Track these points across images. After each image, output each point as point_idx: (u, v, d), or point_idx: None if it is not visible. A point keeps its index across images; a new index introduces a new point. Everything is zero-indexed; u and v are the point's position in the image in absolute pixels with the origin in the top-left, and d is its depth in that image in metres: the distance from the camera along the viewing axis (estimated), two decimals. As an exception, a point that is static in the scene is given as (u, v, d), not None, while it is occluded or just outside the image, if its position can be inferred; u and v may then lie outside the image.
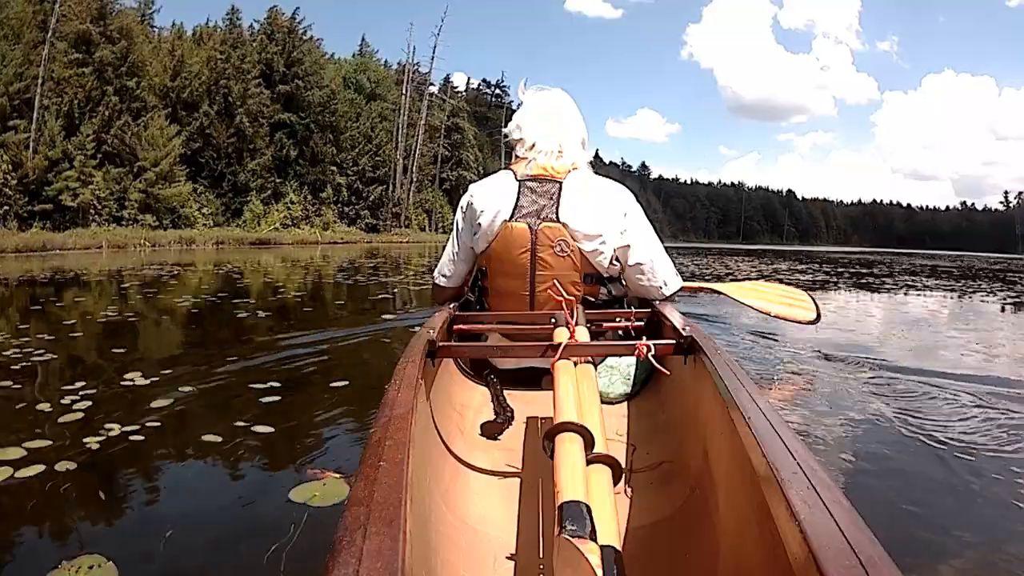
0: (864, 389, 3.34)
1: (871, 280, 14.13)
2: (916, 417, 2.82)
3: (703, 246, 63.19)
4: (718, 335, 4.81)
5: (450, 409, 1.64)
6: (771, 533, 0.77)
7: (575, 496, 0.85)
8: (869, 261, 27.07)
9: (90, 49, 27.78)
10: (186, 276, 11.33)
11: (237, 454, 2.36)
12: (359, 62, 50.28)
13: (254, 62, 35.62)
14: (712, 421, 1.24)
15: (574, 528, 0.78)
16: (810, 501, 0.72)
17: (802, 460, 0.83)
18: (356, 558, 0.64)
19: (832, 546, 0.64)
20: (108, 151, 27.41)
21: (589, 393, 1.27)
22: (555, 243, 1.92)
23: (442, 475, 1.32)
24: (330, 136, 39.55)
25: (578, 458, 0.97)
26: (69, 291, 8.52)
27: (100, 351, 4.52)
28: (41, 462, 2.18)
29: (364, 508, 0.74)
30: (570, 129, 2.11)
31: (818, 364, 3.97)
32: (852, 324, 6.44)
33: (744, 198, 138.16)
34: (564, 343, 1.45)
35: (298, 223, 35.88)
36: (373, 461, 0.86)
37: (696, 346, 1.50)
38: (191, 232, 27.37)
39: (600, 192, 2.00)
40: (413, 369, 1.30)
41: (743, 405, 1.04)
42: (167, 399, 2.97)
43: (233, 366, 3.66)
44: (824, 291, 10.42)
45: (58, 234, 22.55)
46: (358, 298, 8.42)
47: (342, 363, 3.94)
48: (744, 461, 0.95)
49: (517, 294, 1.99)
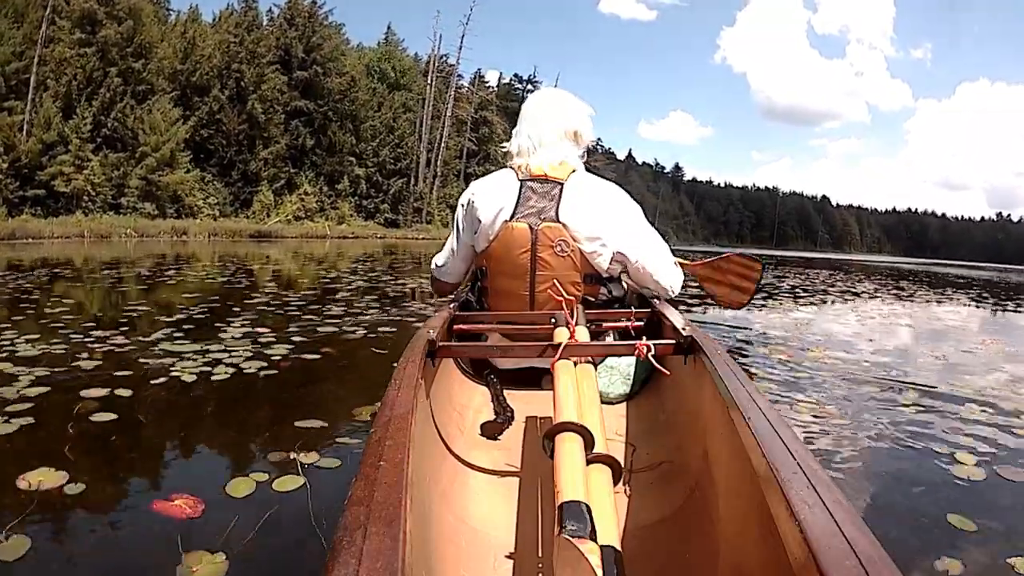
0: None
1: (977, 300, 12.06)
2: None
3: (730, 251, 59.54)
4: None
5: (450, 409, 1.66)
6: (771, 533, 0.78)
7: (575, 496, 0.86)
8: (932, 275, 24.59)
9: (94, 28, 26.64)
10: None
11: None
12: (384, 50, 48.84)
13: (270, 46, 34.40)
14: (712, 421, 1.26)
15: (574, 528, 0.79)
16: (810, 501, 0.73)
17: (802, 460, 0.83)
18: (356, 558, 0.65)
19: (832, 546, 0.65)
20: (108, 135, 26.22)
21: (589, 393, 1.29)
22: (555, 243, 1.95)
23: (442, 475, 1.34)
24: (349, 125, 38.14)
25: (578, 458, 0.98)
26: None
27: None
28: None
29: (364, 508, 0.74)
30: (555, 128, 2.10)
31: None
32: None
33: (778, 202, 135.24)
34: (564, 343, 1.47)
35: (312, 215, 34.52)
36: (373, 461, 0.87)
37: (696, 346, 1.52)
38: (184, 223, 25.85)
39: (599, 194, 2.04)
40: (413, 369, 1.31)
41: (743, 405, 1.05)
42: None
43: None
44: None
45: (34, 221, 21.39)
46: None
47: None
48: (744, 461, 0.95)
49: (517, 294, 2.03)
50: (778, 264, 23.83)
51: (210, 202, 30.15)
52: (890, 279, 17.71)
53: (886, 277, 18.70)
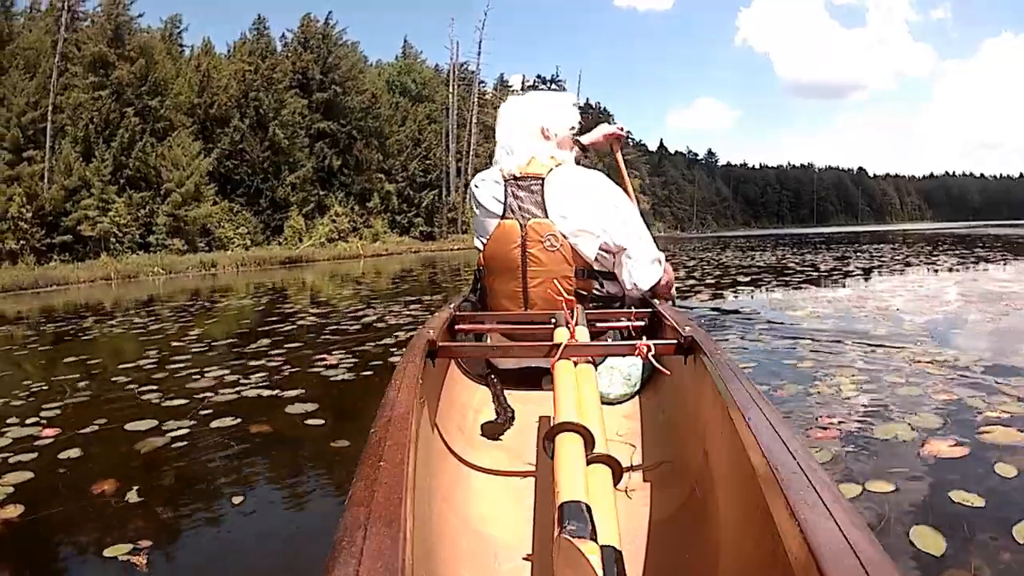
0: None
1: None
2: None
3: (771, 232, 57.44)
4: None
5: (451, 409, 1.67)
6: (771, 533, 0.78)
7: (575, 496, 0.85)
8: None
9: (107, 71, 26.49)
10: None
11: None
12: (402, 64, 48.43)
13: (286, 71, 34.08)
14: (712, 421, 1.25)
15: (574, 528, 0.78)
16: (810, 501, 0.73)
17: (802, 460, 0.82)
18: (356, 558, 0.65)
19: (832, 546, 0.64)
20: (130, 175, 25.94)
21: (589, 393, 1.29)
22: (544, 238, 1.96)
23: (443, 475, 1.34)
24: (375, 142, 37.49)
25: (578, 458, 0.98)
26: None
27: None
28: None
29: (364, 508, 0.74)
30: (519, 129, 2.11)
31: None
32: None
33: (815, 179, 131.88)
34: (564, 343, 1.46)
35: (345, 236, 33.73)
36: (373, 461, 0.87)
37: (696, 346, 1.49)
38: (212, 256, 25.15)
39: (581, 185, 2.03)
40: (413, 369, 1.31)
41: (743, 405, 1.04)
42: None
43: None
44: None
45: (60, 267, 20.88)
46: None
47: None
48: (744, 461, 0.95)
49: (511, 292, 2.04)
50: (828, 243, 22.17)
51: (240, 232, 29.57)
52: (959, 246, 16.61)
53: (954, 245, 17.49)
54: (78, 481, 2.43)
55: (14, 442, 2.90)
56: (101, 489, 2.32)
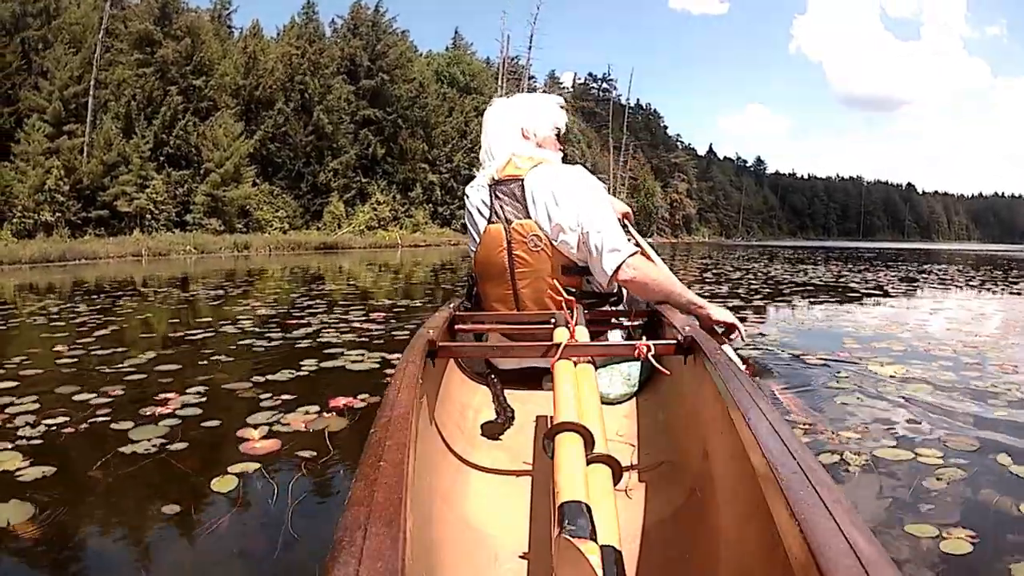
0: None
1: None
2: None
3: (818, 244, 53.20)
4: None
5: (451, 409, 1.65)
6: (771, 533, 0.78)
7: (575, 496, 0.84)
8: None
9: (152, 49, 26.33)
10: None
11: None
12: (452, 55, 47.59)
13: (333, 56, 33.64)
14: (712, 421, 1.24)
15: (574, 528, 0.77)
16: (810, 501, 0.72)
17: (802, 460, 0.82)
18: (356, 558, 0.64)
19: (832, 546, 0.64)
20: (170, 153, 25.69)
21: (589, 393, 1.27)
22: (528, 239, 1.95)
23: (443, 475, 1.32)
24: (420, 132, 36.81)
25: (578, 458, 0.97)
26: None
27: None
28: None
29: (364, 508, 0.74)
30: (500, 131, 2.12)
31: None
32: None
33: (863, 192, 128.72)
34: (564, 343, 1.45)
35: (385, 224, 33.07)
36: (373, 461, 0.86)
37: (696, 346, 1.50)
38: (246, 237, 24.64)
39: (559, 180, 1.99)
40: (413, 369, 1.30)
41: (743, 405, 1.04)
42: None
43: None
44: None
45: (91, 241, 20.58)
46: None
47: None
48: (744, 461, 0.95)
49: (502, 295, 2.05)
50: (881, 259, 20.15)
51: (279, 215, 29.16)
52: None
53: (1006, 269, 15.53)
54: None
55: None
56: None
